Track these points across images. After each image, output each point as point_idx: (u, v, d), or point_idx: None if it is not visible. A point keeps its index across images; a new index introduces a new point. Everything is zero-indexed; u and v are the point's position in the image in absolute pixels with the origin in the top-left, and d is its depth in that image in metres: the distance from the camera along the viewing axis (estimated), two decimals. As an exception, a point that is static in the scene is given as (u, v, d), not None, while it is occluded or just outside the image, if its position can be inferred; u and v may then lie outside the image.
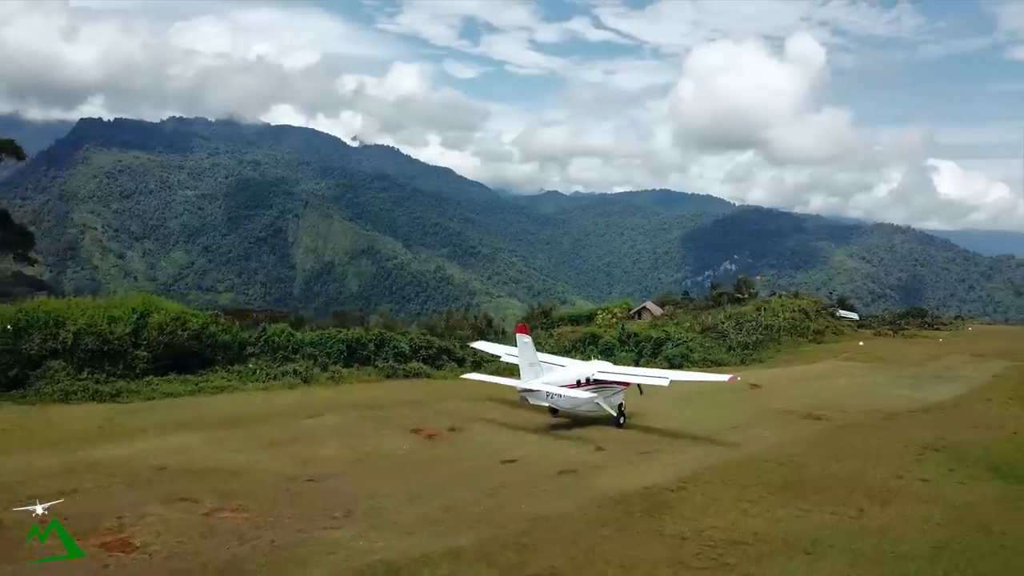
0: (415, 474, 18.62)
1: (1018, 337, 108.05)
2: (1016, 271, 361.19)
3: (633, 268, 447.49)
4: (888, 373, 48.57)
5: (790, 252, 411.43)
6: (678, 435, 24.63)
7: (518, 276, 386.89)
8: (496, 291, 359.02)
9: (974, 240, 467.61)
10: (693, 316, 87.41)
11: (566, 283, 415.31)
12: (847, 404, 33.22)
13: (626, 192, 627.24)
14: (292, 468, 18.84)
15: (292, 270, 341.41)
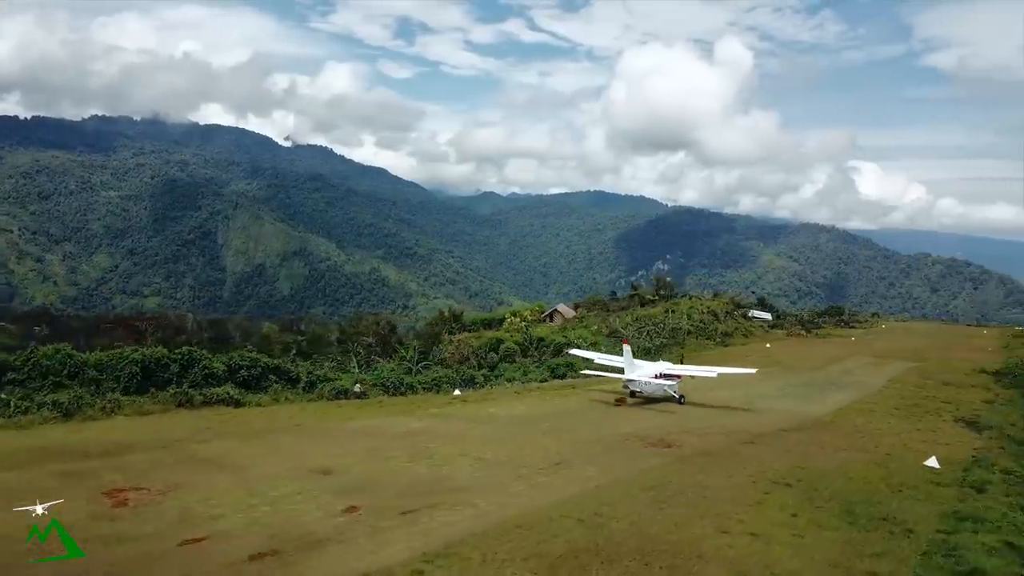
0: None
1: (928, 334, 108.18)
2: (932, 269, 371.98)
3: (569, 268, 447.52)
4: (779, 381, 45.46)
5: (721, 252, 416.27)
6: (473, 484, 19.21)
7: (455, 277, 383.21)
8: (433, 292, 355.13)
9: (893, 239, 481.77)
10: (602, 319, 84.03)
11: (503, 284, 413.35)
12: (712, 423, 29.48)
13: (562, 193, 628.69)
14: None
15: (222, 273, 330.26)
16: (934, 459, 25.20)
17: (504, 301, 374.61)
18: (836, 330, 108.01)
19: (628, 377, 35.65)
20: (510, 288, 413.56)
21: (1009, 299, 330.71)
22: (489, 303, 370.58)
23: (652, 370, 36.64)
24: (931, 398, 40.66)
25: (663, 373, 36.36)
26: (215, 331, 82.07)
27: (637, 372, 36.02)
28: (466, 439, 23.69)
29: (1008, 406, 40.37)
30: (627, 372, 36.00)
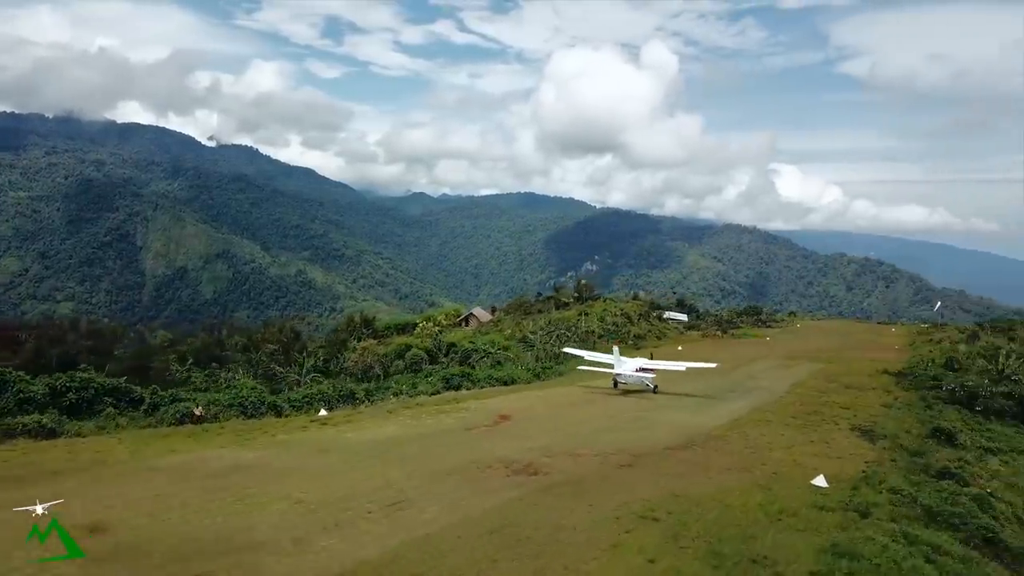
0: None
1: (840, 333, 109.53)
2: (848, 268, 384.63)
3: (500, 269, 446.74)
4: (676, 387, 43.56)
5: (647, 252, 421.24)
6: (271, 539, 15.55)
7: (384, 279, 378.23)
8: (361, 295, 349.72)
9: (812, 239, 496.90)
10: (516, 323, 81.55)
11: (434, 285, 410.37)
12: (596, 441, 26.94)
13: (492, 194, 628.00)
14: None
15: (141, 276, 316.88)
16: (822, 477, 23.28)
17: (435, 303, 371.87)
18: (753, 330, 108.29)
19: (617, 371, 42.60)
20: (441, 290, 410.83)
21: (918, 297, 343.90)
22: (419, 305, 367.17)
23: (633, 366, 43.51)
24: (831, 404, 39.33)
25: (641, 368, 43.28)
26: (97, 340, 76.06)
27: (623, 367, 42.83)
28: (298, 475, 20.38)
29: (905, 410, 39.38)
30: (616, 367, 42.85)
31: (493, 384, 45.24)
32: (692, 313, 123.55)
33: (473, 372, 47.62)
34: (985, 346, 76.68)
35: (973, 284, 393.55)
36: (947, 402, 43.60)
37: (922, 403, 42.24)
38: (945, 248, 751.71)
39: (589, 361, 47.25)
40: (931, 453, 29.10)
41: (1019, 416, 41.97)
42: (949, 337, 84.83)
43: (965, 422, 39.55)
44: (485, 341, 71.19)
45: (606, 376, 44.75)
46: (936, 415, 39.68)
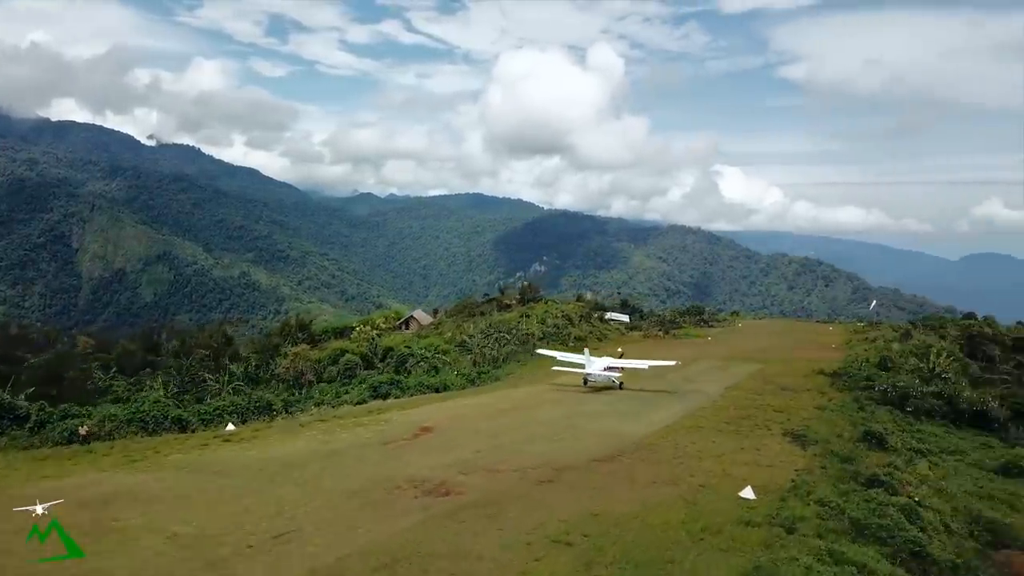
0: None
1: (780, 332, 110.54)
2: (788, 268, 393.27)
3: (449, 270, 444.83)
4: (613, 392, 42.46)
5: (594, 253, 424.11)
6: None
7: (330, 280, 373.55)
8: (307, 296, 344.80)
9: (754, 240, 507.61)
10: (457, 325, 79.84)
11: (382, 287, 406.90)
12: (520, 454, 25.48)
13: (441, 195, 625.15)
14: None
15: (77, 279, 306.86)
16: (750, 489, 22.25)
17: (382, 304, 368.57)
18: (695, 330, 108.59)
19: (587, 371, 44.57)
20: (389, 291, 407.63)
21: (855, 295, 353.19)
22: (367, 307, 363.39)
23: (601, 365, 45.39)
24: (765, 407, 38.66)
25: (608, 367, 45.37)
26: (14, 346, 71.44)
27: (592, 367, 44.80)
28: (181, 502, 18.38)
29: (838, 413, 38.96)
30: (587, 367, 44.81)
31: (424, 391, 43.50)
32: (636, 313, 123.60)
33: (403, 379, 45.75)
34: (917, 344, 77.89)
35: (907, 283, 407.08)
36: (880, 403, 43.50)
37: (855, 404, 42.00)
38: (881, 248, 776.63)
39: (561, 361, 48.40)
40: (861, 459, 28.48)
41: (948, 416, 42.04)
42: (883, 336, 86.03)
43: (896, 423, 39.40)
44: (423, 345, 69.38)
45: (556, 375, 46.86)
46: (868, 417, 39.44)
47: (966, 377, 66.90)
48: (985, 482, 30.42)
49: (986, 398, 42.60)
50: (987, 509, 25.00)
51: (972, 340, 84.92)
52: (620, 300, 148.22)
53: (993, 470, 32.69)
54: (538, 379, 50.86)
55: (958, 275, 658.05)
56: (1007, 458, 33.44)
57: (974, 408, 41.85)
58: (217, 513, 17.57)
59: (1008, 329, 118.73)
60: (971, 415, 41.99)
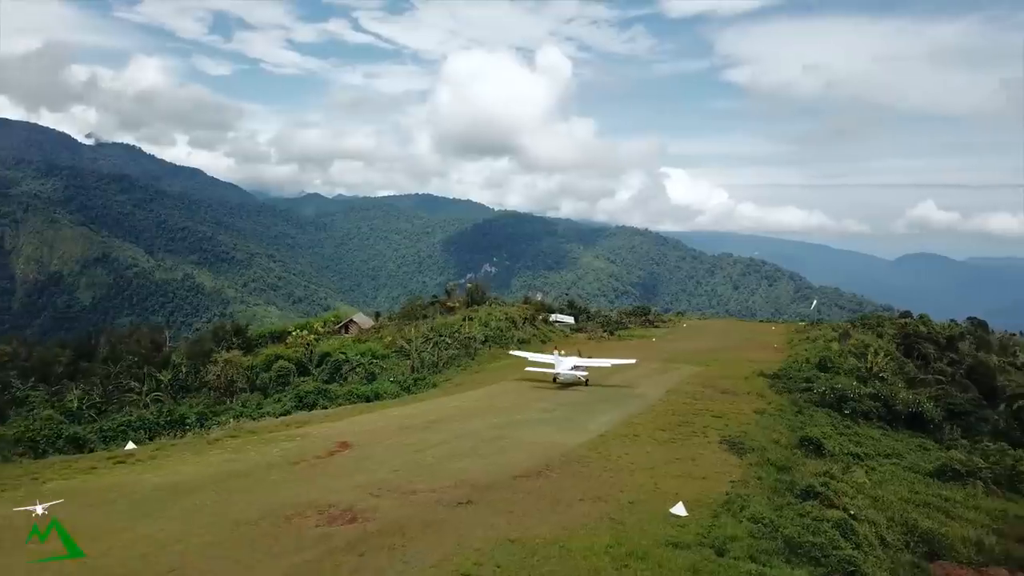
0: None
1: (724, 332, 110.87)
2: (734, 268, 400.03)
3: (398, 272, 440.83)
4: (547, 399, 40.97)
5: (544, 254, 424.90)
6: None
7: (277, 283, 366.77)
8: (253, 299, 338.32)
9: (700, 240, 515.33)
10: (398, 329, 77.68)
11: (330, 288, 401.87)
12: (440, 471, 23.74)
13: (389, 196, 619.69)
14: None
15: (10, 282, 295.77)
16: (681, 505, 20.99)
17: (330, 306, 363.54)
18: (640, 330, 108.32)
19: (556, 371, 47.09)
20: (337, 293, 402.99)
21: (798, 294, 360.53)
22: (314, 309, 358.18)
23: (569, 364, 47.94)
24: (703, 412, 37.68)
25: (575, 366, 48.02)
26: None
27: (561, 366, 47.35)
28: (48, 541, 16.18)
29: (776, 417, 38.28)
30: (557, 367, 47.42)
31: (354, 401, 41.38)
32: (583, 314, 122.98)
33: (331, 388, 43.49)
34: (856, 344, 78.64)
35: (846, 282, 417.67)
36: (818, 405, 43.10)
37: (794, 408, 41.48)
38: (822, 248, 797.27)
39: (533, 361, 50.81)
40: (798, 467, 27.63)
41: (885, 417, 41.84)
42: (823, 335, 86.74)
43: (834, 426, 38.95)
44: (360, 351, 67.17)
45: (498, 380, 49.42)
46: (807, 420, 38.92)
47: (902, 377, 67.74)
48: (921, 487, 29.91)
49: (921, 399, 42.55)
50: (923, 518, 24.29)
51: (908, 339, 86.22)
52: (567, 301, 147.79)
53: (928, 473, 32.32)
54: (479, 384, 49.23)
55: (895, 274, 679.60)
56: (942, 460, 33.14)
57: (910, 409, 41.72)
58: (88, 553, 15.41)
59: (942, 326, 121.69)
60: (907, 417, 41.87)
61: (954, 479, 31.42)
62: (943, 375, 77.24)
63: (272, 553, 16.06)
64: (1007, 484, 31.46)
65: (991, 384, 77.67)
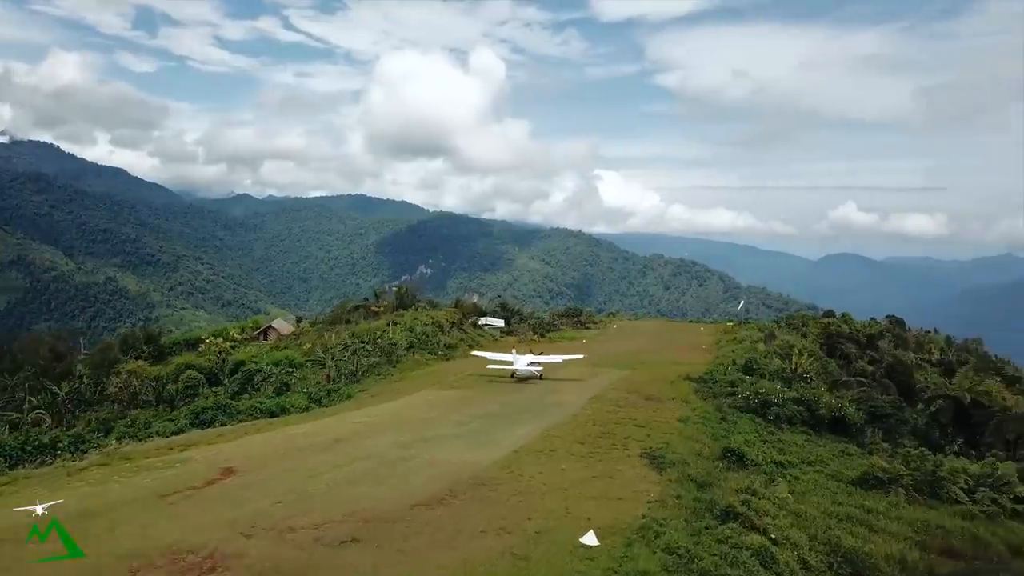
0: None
1: (653, 333, 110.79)
2: (665, 268, 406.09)
3: (331, 274, 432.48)
4: (469, 408, 38.83)
5: (480, 256, 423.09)
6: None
7: (205, 286, 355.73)
8: (179, 303, 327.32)
9: (632, 242, 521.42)
10: (318, 336, 74.32)
11: (260, 291, 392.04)
12: (331, 500, 21.25)
13: (322, 196, 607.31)
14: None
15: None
16: (592, 534, 19.09)
17: (260, 309, 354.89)
18: (571, 332, 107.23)
19: (514, 367, 51.31)
20: (268, 296, 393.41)
21: (727, 294, 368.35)
22: (244, 312, 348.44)
23: (525, 361, 52.71)
24: (626, 421, 36.08)
25: (531, 362, 52.91)
26: None
27: (518, 363, 51.85)
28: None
29: (700, 424, 36.99)
30: (514, 364, 51.75)
31: (257, 417, 38.25)
32: (515, 316, 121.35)
33: (232, 403, 40.17)
34: (781, 344, 79.08)
35: (773, 281, 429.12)
36: (743, 410, 42.09)
37: (718, 414, 40.31)
38: (749, 249, 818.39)
39: (493, 360, 53.84)
40: (719, 483, 26.14)
41: (808, 423, 41.11)
42: (750, 336, 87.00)
43: (758, 433, 37.88)
44: (278, 358, 63.80)
45: (419, 388, 48.45)
46: (731, 427, 37.77)
47: (826, 378, 68.14)
48: (844, 497, 28.97)
49: (844, 403, 42.04)
50: (846, 535, 23.02)
51: (831, 339, 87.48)
52: (500, 303, 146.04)
53: (851, 481, 31.46)
54: (398, 394, 46.68)
55: (819, 274, 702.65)
56: (864, 468, 32.38)
57: (833, 414, 41.10)
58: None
59: (862, 325, 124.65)
60: (830, 421, 41.25)
61: (876, 487, 30.63)
62: (864, 375, 78.44)
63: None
64: (928, 491, 30.78)
65: (909, 382, 79.31)
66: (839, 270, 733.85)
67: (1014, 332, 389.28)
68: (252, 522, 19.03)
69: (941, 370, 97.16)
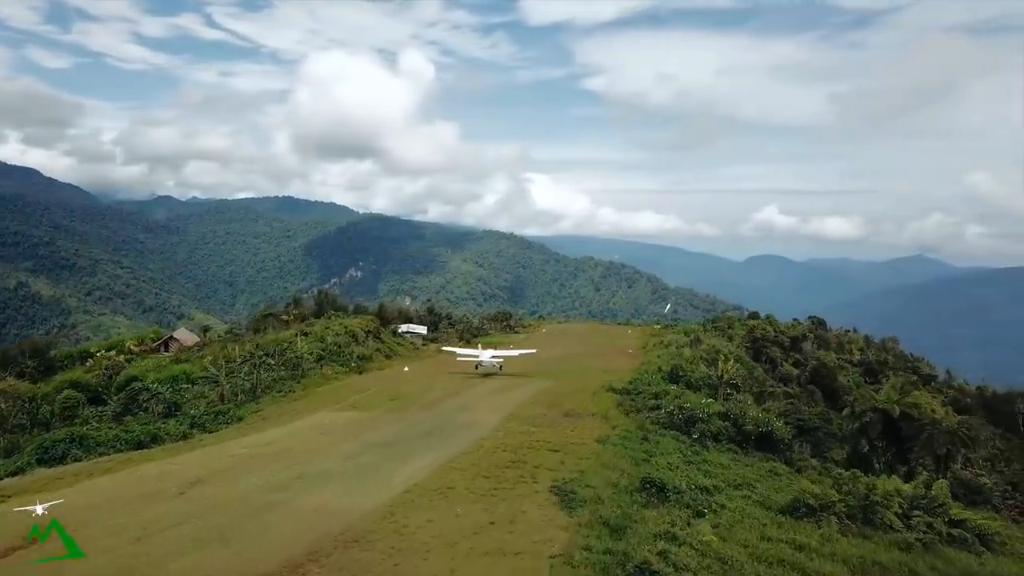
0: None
1: (582, 336, 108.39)
2: (595, 270, 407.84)
3: (258, 277, 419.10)
4: (360, 436, 34.38)
5: (412, 258, 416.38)
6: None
7: (124, 290, 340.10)
8: (97, 308, 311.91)
9: (563, 244, 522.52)
10: (222, 348, 68.48)
11: (183, 296, 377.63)
12: (159, 573, 16.87)
13: (248, 198, 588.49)
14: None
15: None
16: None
17: (184, 315, 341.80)
18: (500, 337, 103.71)
19: (480, 359, 60.00)
20: (192, 300, 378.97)
21: (656, 295, 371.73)
22: (167, 318, 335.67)
23: (488, 355, 61.03)
24: (539, 446, 32.43)
25: (493, 355, 60.93)
26: None
27: (483, 356, 60.30)
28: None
29: (620, 447, 33.60)
30: (480, 357, 60.29)
31: (122, 448, 33.04)
32: (444, 320, 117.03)
33: (92, 433, 34.58)
34: (707, 350, 77.25)
35: (700, 282, 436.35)
36: (667, 427, 39.06)
37: (640, 433, 37.02)
38: (677, 251, 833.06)
39: (462, 355, 63.16)
40: (635, 525, 22.64)
41: (735, 439, 38.31)
42: (676, 340, 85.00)
43: (683, 453, 34.75)
44: (174, 373, 58.04)
45: (321, 407, 44.45)
46: (653, 448, 34.49)
47: (753, 385, 66.37)
48: (773, 530, 25.89)
49: (771, 418, 39.38)
50: (776, 584, 19.82)
51: (756, 343, 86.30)
52: (427, 308, 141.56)
53: (781, 509, 28.52)
54: (294, 415, 41.99)
55: (743, 275, 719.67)
56: (794, 494, 29.48)
57: (760, 429, 38.38)
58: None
59: (786, 326, 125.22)
60: (757, 437, 38.53)
61: (808, 515, 27.78)
62: (790, 379, 77.43)
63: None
64: (861, 517, 28.12)
65: (833, 385, 78.69)
66: (763, 271, 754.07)
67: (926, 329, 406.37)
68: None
69: (862, 370, 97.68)
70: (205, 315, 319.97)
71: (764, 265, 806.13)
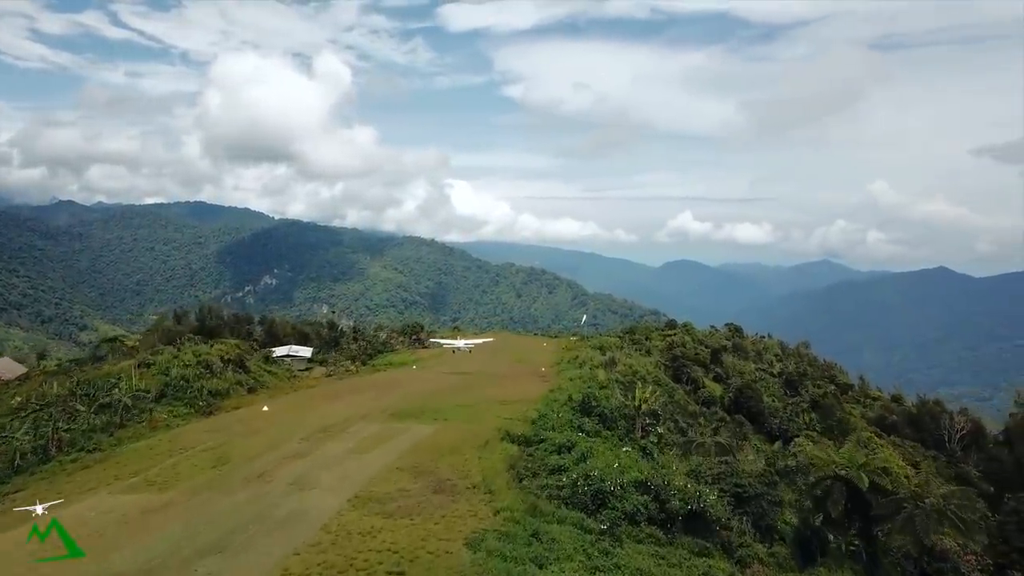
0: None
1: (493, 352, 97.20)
2: (517, 276, 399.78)
3: (167, 285, 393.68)
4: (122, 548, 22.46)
5: (330, 265, 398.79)
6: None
7: (21, 300, 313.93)
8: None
9: (485, 250, 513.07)
10: (41, 383, 54.57)
11: (87, 305, 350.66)
12: None
13: (157, 203, 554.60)
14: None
15: None
16: None
17: (87, 325, 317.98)
18: (405, 354, 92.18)
19: (455, 346, 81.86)
20: (96, 310, 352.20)
21: (575, 301, 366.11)
22: (67, 329, 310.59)
23: (463, 343, 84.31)
24: (381, 554, 21.48)
25: (466, 343, 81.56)
26: None
27: (457, 344, 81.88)
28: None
29: (501, 543, 22.84)
30: (456, 344, 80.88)
31: None
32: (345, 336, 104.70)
33: None
34: (624, 371, 68.06)
35: (619, 288, 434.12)
36: (569, 503, 28.62)
37: (531, 520, 26.29)
38: (595, 257, 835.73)
39: (443, 344, 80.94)
40: None
41: (657, 520, 28.08)
42: (591, 359, 75.26)
43: (587, 556, 24.19)
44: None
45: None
46: (546, 550, 23.79)
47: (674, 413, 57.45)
48: None
49: (703, 491, 29.29)
50: None
51: (676, 361, 77.59)
52: (326, 321, 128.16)
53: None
54: (67, 498, 29.51)
55: (660, 280, 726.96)
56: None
57: (689, 507, 28.27)
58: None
59: (704, 334, 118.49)
60: (686, 515, 28.41)
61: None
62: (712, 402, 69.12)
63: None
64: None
65: (759, 406, 70.64)
66: (679, 276, 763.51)
67: (832, 331, 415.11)
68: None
69: (783, 382, 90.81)
70: (110, 325, 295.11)
71: (680, 270, 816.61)
